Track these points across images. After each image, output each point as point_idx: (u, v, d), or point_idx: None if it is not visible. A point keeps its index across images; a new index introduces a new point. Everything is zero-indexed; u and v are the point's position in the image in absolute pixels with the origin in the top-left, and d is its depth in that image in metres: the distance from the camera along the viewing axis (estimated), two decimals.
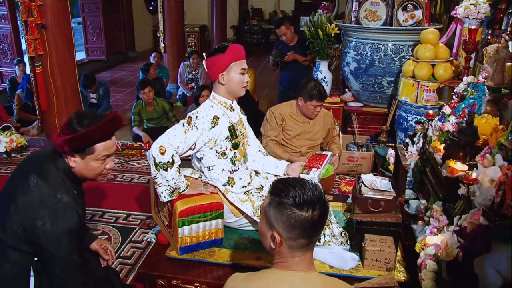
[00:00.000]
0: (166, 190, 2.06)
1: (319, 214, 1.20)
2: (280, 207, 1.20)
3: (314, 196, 1.20)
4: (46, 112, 4.55)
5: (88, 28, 8.99)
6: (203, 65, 2.15)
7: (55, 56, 4.36)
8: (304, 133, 3.05)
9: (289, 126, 3.03)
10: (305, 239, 1.20)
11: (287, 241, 1.21)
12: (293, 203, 1.18)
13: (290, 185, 1.21)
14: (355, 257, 2.09)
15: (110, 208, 3.18)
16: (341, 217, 2.49)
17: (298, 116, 3.03)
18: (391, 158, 3.23)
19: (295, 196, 1.18)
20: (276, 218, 1.20)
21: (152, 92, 4.84)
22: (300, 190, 1.19)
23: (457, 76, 3.48)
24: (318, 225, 1.22)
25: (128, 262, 2.58)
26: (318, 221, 1.20)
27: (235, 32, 12.12)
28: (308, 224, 1.19)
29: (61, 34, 4.35)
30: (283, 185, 1.23)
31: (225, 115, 2.14)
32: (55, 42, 4.32)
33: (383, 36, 3.96)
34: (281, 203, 1.19)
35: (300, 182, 1.23)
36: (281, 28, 4.44)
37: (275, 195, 1.22)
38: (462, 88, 2.58)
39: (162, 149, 1.98)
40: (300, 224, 1.18)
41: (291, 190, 1.20)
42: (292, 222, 1.18)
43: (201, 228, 2.11)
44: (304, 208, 1.18)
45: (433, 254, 1.77)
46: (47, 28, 4.23)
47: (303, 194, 1.18)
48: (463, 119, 2.23)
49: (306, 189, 1.20)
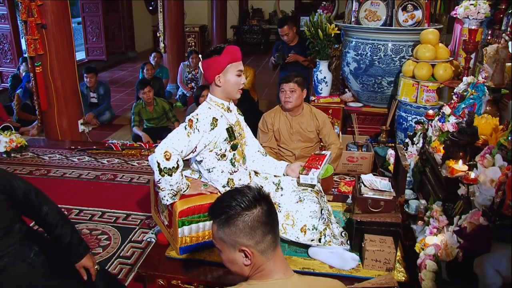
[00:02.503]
0: (169, 193, 2.05)
1: (267, 203, 1.21)
2: (230, 221, 1.17)
3: (251, 192, 1.20)
4: (46, 112, 4.55)
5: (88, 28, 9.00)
6: (200, 67, 2.14)
7: (55, 56, 4.36)
8: (294, 134, 3.05)
9: (280, 127, 3.05)
10: (270, 233, 1.19)
11: (257, 247, 1.18)
12: (241, 208, 1.17)
13: (225, 199, 1.21)
14: (355, 257, 2.09)
15: (110, 208, 3.18)
16: (341, 217, 2.49)
17: (286, 116, 3.06)
18: (391, 158, 3.23)
19: (238, 203, 1.18)
20: (235, 233, 1.17)
21: (152, 92, 4.84)
22: (237, 195, 1.20)
23: (457, 76, 3.48)
24: (272, 213, 1.22)
25: (128, 262, 2.57)
26: (270, 210, 1.21)
27: (235, 32, 12.11)
28: (264, 218, 1.19)
29: (61, 34, 4.35)
30: (219, 203, 1.22)
31: (223, 116, 2.14)
32: (55, 42, 4.32)
33: (383, 36, 3.96)
34: (230, 217, 1.18)
35: (230, 191, 1.24)
36: (284, 28, 4.44)
37: (219, 215, 1.20)
38: (462, 88, 2.58)
39: (167, 155, 1.96)
40: (257, 222, 1.17)
41: (231, 200, 1.19)
42: (250, 224, 1.17)
43: (201, 228, 2.11)
44: (251, 206, 1.18)
45: (433, 254, 1.77)
46: (47, 28, 4.23)
47: (242, 196, 1.19)
48: (463, 119, 2.23)
49: (241, 192, 1.21)
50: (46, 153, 4.30)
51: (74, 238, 1.78)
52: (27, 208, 1.71)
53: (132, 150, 4.33)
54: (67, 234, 1.76)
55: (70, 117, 4.61)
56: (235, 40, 11.98)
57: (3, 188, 1.62)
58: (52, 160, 4.13)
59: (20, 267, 1.67)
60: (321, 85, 4.44)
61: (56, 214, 1.75)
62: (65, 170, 3.88)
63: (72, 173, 3.83)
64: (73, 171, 3.86)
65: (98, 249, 2.68)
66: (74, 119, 4.67)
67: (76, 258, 1.79)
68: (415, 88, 3.57)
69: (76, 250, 1.78)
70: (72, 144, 4.48)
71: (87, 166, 3.99)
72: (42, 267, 1.73)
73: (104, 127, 5.62)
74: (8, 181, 1.65)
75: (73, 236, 1.78)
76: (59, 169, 3.91)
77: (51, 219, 1.73)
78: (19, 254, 1.68)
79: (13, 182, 1.66)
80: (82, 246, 1.81)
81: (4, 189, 1.63)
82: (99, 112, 5.65)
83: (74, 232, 1.80)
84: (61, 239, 1.76)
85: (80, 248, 1.79)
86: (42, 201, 1.74)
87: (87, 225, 2.95)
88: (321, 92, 4.47)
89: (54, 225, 1.74)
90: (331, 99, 4.42)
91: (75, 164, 4.04)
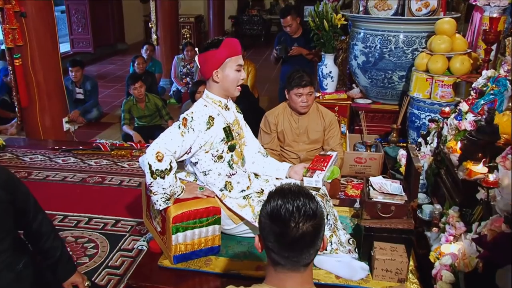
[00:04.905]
0: (162, 198, 2.05)
1: (297, 234, 1.12)
2: (261, 211, 1.20)
3: (293, 212, 1.12)
4: (26, 109, 4.53)
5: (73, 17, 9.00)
6: (196, 60, 2.14)
7: (36, 47, 4.34)
8: (300, 134, 3.03)
9: (284, 127, 3.03)
10: (282, 257, 1.15)
11: (267, 250, 1.18)
12: (267, 213, 1.16)
13: (279, 193, 1.17)
14: (365, 267, 2.08)
15: (97, 213, 3.17)
16: (348, 223, 2.49)
17: (292, 115, 3.03)
18: (402, 159, 3.23)
19: (272, 207, 1.15)
20: (259, 219, 1.21)
21: (144, 87, 4.84)
22: (281, 200, 1.14)
23: (476, 70, 3.47)
24: (294, 247, 1.13)
25: (116, 272, 2.57)
26: (293, 241, 1.12)
27: (233, 22, 12.12)
28: (283, 241, 1.13)
29: (43, 24, 4.32)
30: (277, 190, 1.20)
31: (220, 115, 2.14)
32: (36, 32, 4.30)
33: (394, 27, 3.95)
34: (262, 208, 1.19)
35: (295, 193, 1.16)
36: (286, 19, 4.44)
37: (267, 197, 1.20)
38: (481, 83, 2.57)
39: (159, 156, 1.96)
40: (274, 238, 1.14)
41: (276, 198, 1.15)
42: (267, 231, 1.16)
43: (196, 235, 2.11)
44: (277, 222, 1.13)
45: (450, 264, 1.77)
46: (26, 16, 4.20)
47: (281, 207, 1.13)
48: (482, 117, 2.23)
49: (289, 203, 1.13)
50: (26, 153, 4.29)
51: (64, 253, 1.79)
52: (23, 214, 1.70)
53: (122, 150, 4.32)
54: (58, 247, 1.77)
55: (53, 115, 4.60)
56: (233, 32, 11.99)
57: (9, 187, 1.62)
58: (34, 161, 4.12)
59: (8, 277, 1.67)
60: (327, 80, 4.44)
61: (49, 224, 1.77)
62: (48, 173, 3.87)
63: (55, 175, 3.82)
64: (57, 174, 3.85)
65: (84, 258, 2.67)
66: (58, 117, 4.66)
67: (65, 275, 1.79)
68: (429, 83, 3.57)
69: (65, 266, 1.78)
70: (56, 144, 4.47)
71: (72, 168, 3.98)
72: (29, 278, 1.72)
73: (91, 126, 5.61)
74: (12, 180, 1.66)
75: (63, 250, 1.79)
76: (42, 172, 3.90)
77: (44, 228, 1.74)
78: (8, 263, 1.67)
79: (16, 182, 1.68)
80: (71, 263, 1.81)
81: (10, 187, 1.63)
82: (86, 110, 5.65)
83: (64, 246, 1.81)
84: (52, 252, 1.76)
85: (69, 264, 1.80)
86: (38, 209, 1.75)
87: (72, 232, 2.95)
88: (326, 87, 4.46)
89: (46, 236, 1.74)
90: (337, 95, 4.42)
91: (59, 166, 4.03)
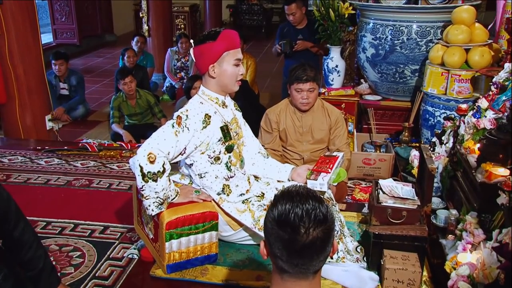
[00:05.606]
0: (155, 202, 2.05)
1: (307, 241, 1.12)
2: (267, 215, 1.19)
3: (303, 217, 1.12)
4: (4, 105, 4.50)
5: (55, 5, 8.95)
6: (191, 54, 2.14)
7: (15, 38, 4.30)
8: (304, 133, 3.04)
9: (287, 126, 3.03)
10: (291, 265, 1.15)
11: (273, 258, 1.19)
12: (273, 219, 1.15)
13: (286, 196, 1.17)
14: (374, 277, 2.08)
15: (84, 219, 3.16)
16: (356, 230, 2.50)
17: (295, 113, 3.04)
18: (414, 160, 3.23)
19: (280, 211, 1.14)
20: (265, 224, 1.20)
21: (134, 82, 4.84)
22: (289, 204, 1.14)
23: (497, 63, 3.46)
24: (303, 254, 1.14)
25: (105, 283, 2.56)
26: (303, 247, 1.13)
27: (231, 12, 12.13)
28: (292, 248, 1.13)
29: (22, 12, 4.30)
30: (283, 192, 1.19)
31: (217, 113, 2.14)
32: (14, 21, 4.26)
33: (407, 16, 3.95)
34: (268, 213, 1.19)
35: (304, 195, 1.16)
36: (291, 6, 4.45)
37: (273, 200, 1.20)
38: (502, 77, 2.56)
39: (151, 157, 1.96)
40: (282, 245, 1.14)
41: (283, 202, 1.15)
42: (274, 238, 1.16)
43: (192, 242, 2.11)
44: (285, 228, 1.13)
45: (467, 275, 1.77)
46: (2, 4, 4.18)
47: (289, 212, 1.13)
48: (503, 114, 2.23)
49: (298, 207, 1.13)
50: (5, 154, 4.28)
51: (47, 263, 1.78)
52: (4, 221, 1.70)
53: (111, 151, 4.32)
54: (41, 257, 1.77)
55: (35, 112, 4.58)
56: (231, 22, 12.00)
57: None
58: (13, 163, 4.11)
59: None
60: (333, 75, 4.43)
61: (32, 232, 1.76)
62: (29, 175, 3.86)
63: (38, 178, 3.82)
64: (39, 176, 3.84)
65: (69, 268, 2.66)
66: (40, 115, 4.63)
67: None
68: (445, 77, 3.57)
69: (48, 277, 1.78)
70: (38, 144, 4.46)
71: (56, 170, 3.98)
72: None
73: (77, 124, 5.60)
74: None
75: (47, 260, 1.79)
76: (22, 174, 3.89)
77: (26, 237, 1.73)
78: None
79: None
80: (54, 274, 1.81)
81: None
82: (71, 107, 5.65)
83: (47, 256, 1.81)
84: (34, 263, 1.76)
85: (52, 275, 1.80)
86: (20, 216, 1.74)
87: (56, 240, 2.94)
88: (332, 83, 4.46)
89: (28, 246, 1.73)
90: (344, 91, 4.42)
91: (41, 167, 4.02)
